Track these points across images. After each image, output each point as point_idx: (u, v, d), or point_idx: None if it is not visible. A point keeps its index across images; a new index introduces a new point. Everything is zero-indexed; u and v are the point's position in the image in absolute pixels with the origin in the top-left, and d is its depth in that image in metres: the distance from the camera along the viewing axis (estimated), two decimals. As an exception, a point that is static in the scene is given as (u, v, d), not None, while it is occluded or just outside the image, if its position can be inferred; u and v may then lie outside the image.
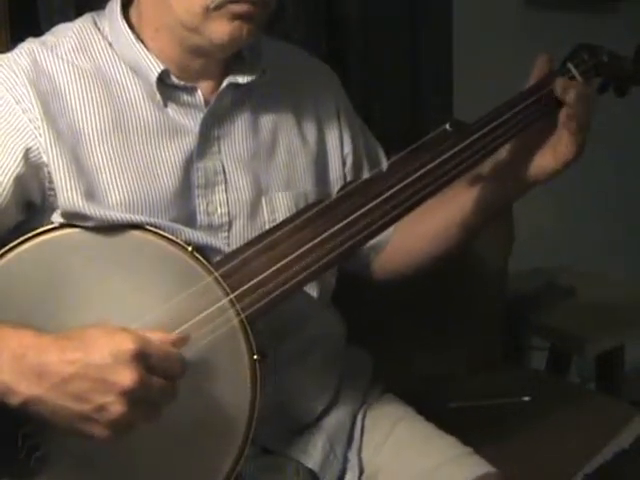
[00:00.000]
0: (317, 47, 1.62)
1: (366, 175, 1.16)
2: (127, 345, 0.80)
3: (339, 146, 1.16)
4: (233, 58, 1.05)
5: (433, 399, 1.48)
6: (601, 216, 2.53)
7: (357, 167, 1.19)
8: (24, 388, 0.80)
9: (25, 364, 0.80)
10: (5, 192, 0.94)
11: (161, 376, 0.82)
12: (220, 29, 0.95)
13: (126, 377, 0.79)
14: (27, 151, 0.94)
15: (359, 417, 1.18)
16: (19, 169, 0.94)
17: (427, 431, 1.18)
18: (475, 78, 1.96)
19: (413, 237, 1.18)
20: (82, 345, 0.81)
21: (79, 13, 1.08)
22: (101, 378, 0.79)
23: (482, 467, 1.11)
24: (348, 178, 1.17)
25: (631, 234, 2.65)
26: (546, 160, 1.04)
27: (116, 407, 0.79)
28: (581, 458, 1.44)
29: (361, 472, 1.14)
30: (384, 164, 1.05)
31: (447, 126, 1.01)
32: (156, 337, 0.84)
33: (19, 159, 0.93)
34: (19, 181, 0.94)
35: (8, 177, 0.93)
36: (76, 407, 0.80)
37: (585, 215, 2.48)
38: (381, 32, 1.78)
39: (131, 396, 0.79)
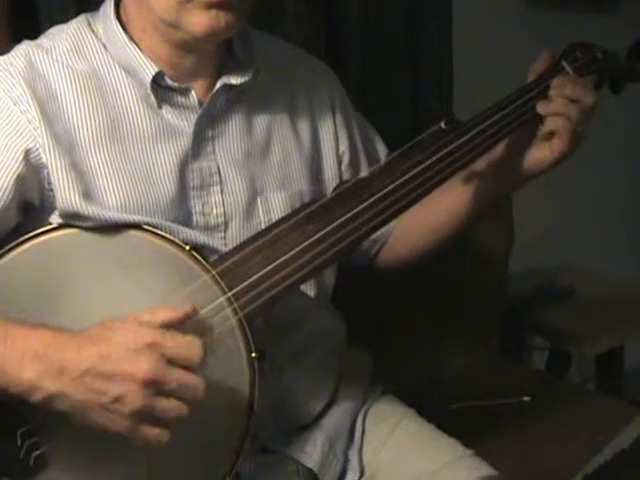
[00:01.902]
0: (317, 47, 1.62)
1: (364, 173, 1.17)
2: (143, 337, 0.81)
3: (334, 144, 1.16)
4: (226, 57, 1.05)
5: (433, 399, 1.49)
6: (601, 216, 2.53)
7: (354, 165, 1.19)
8: (46, 384, 0.81)
9: (46, 361, 0.81)
10: (7, 193, 0.94)
11: (181, 366, 0.82)
12: (197, 20, 0.94)
13: (142, 368, 0.80)
14: (27, 152, 0.94)
15: (359, 417, 1.18)
16: (20, 170, 0.94)
17: (428, 432, 1.18)
18: (475, 78, 1.96)
19: (413, 229, 1.19)
20: (99, 339, 0.82)
21: (79, 13, 1.08)
22: (117, 369, 0.80)
23: (483, 469, 1.11)
24: (345, 176, 1.17)
25: (631, 234, 2.66)
26: (542, 153, 1.04)
27: (133, 398, 0.80)
28: (581, 458, 1.44)
29: (362, 473, 1.14)
30: (383, 161, 1.05)
31: (442, 124, 1.01)
32: (164, 315, 0.85)
33: (20, 160, 0.93)
34: (20, 182, 0.94)
35: (9, 178, 0.93)
36: (95, 400, 0.81)
37: (585, 215, 2.48)
38: (381, 32, 1.78)
39: (148, 387, 0.80)
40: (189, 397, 0.82)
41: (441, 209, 1.15)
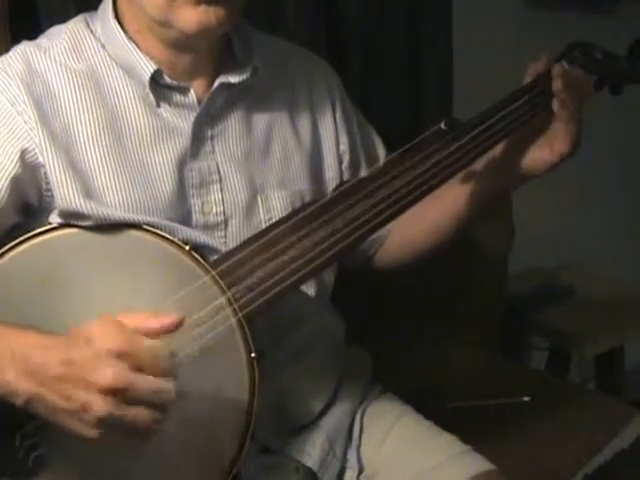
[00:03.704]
0: (318, 47, 1.62)
1: (364, 173, 1.17)
2: (109, 344, 0.79)
3: (335, 143, 1.16)
4: (226, 57, 1.05)
5: (433, 399, 1.48)
6: (601, 216, 2.53)
7: (354, 165, 1.19)
8: (22, 385, 0.80)
9: (26, 363, 0.80)
10: (2, 193, 0.93)
11: (151, 374, 0.80)
12: (187, 18, 0.94)
13: (105, 375, 0.77)
14: (23, 152, 0.94)
15: (358, 416, 1.18)
16: (16, 170, 0.93)
17: (426, 429, 1.18)
18: (475, 78, 1.96)
19: (411, 230, 1.19)
20: (72, 344, 0.80)
21: (79, 13, 1.08)
22: (82, 376, 0.78)
23: (481, 464, 1.11)
24: (345, 176, 1.17)
25: (631, 234, 2.66)
26: (543, 153, 1.04)
27: (98, 406, 0.77)
28: (581, 458, 1.44)
29: (360, 471, 1.14)
30: (382, 162, 1.05)
31: (442, 125, 1.01)
32: (153, 322, 0.83)
33: (15, 160, 0.93)
34: (16, 182, 0.94)
35: (5, 178, 0.93)
36: (65, 405, 0.79)
37: (585, 215, 2.48)
38: (381, 32, 1.78)
39: (112, 395, 0.78)
40: (161, 403, 0.80)
41: (439, 209, 1.15)
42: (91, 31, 1.02)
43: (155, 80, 0.99)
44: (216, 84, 1.01)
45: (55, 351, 0.80)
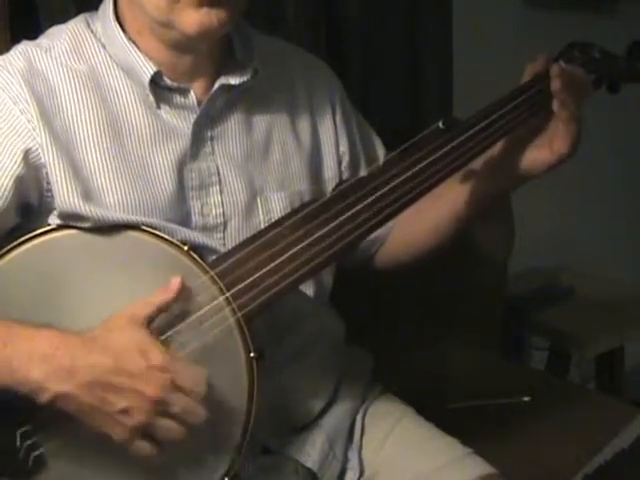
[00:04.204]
0: (317, 47, 1.62)
1: (363, 173, 1.17)
2: (157, 360, 0.84)
3: (334, 144, 1.16)
4: (227, 58, 1.05)
5: (433, 399, 1.48)
6: (601, 216, 2.53)
7: (354, 166, 1.19)
8: (54, 385, 0.83)
9: (55, 362, 0.83)
10: (6, 194, 0.93)
11: (185, 394, 0.86)
12: (188, 19, 0.94)
13: (153, 386, 0.83)
14: (27, 152, 0.94)
15: (359, 417, 1.18)
16: (19, 170, 0.93)
17: (427, 431, 1.18)
18: (475, 78, 1.96)
19: (411, 229, 1.19)
20: (108, 346, 0.85)
21: (79, 13, 1.08)
22: (128, 385, 0.83)
23: (482, 468, 1.11)
24: (345, 176, 1.16)
25: (631, 235, 2.66)
26: (542, 154, 1.04)
27: (139, 412, 0.83)
28: (581, 458, 1.44)
29: (361, 472, 1.14)
30: (381, 162, 1.06)
31: (440, 124, 1.01)
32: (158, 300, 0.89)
33: (19, 160, 0.93)
34: (19, 182, 0.94)
35: (8, 179, 0.93)
36: (101, 407, 0.84)
37: (585, 215, 2.48)
38: (381, 32, 1.78)
39: (155, 405, 0.84)
40: (190, 422, 0.86)
41: (439, 208, 1.15)
42: (92, 31, 1.02)
43: (155, 82, 0.99)
44: (216, 86, 1.02)
45: (89, 351, 0.85)
